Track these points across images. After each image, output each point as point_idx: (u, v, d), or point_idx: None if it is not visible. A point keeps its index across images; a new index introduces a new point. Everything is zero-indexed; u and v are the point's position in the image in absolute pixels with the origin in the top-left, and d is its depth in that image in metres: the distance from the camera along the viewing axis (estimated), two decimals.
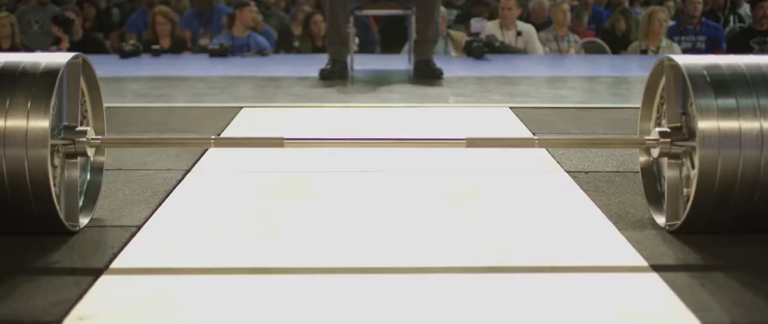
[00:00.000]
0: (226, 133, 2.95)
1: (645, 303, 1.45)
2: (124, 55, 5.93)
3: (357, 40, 5.71)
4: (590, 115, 3.40)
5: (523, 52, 6.16)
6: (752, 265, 1.61)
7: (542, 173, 2.37)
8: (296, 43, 7.11)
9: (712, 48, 6.74)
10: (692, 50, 6.73)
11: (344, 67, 4.70)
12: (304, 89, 4.26)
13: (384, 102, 3.79)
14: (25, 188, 1.65)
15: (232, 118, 3.21)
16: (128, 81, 4.46)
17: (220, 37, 6.27)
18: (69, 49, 6.17)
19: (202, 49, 6.45)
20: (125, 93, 3.98)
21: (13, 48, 6.27)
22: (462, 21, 7.37)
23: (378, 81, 4.60)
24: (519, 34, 6.15)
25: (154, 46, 6.08)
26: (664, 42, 6.29)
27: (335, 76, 4.58)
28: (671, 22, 7.08)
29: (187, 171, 2.34)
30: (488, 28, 6.26)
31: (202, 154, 2.50)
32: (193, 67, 5.44)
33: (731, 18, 8.26)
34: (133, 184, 2.19)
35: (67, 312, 1.39)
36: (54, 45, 6.48)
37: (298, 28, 7.20)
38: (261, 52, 6.09)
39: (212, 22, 7.43)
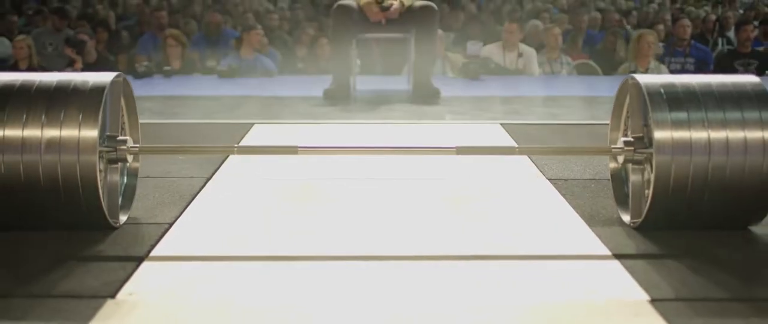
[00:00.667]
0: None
1: (606, 283, 1.72)
2: (138, 75, 6.22)
3: (358, 62, 5.99)
4: (576, 130, 3.68)
5: (520, 73, 6.45)
6: (700, 254, 1.88)
7: (527, 181, 2.64)
8: (300, 65, 7.39)
9: (700, 69, 7.02)
10: (681, 71, 7.00)
11: (347, 87, 4.96)
12: (310, 108, 4.54)
13: (385, 119, 4.07)
14: (77, 189, 1.92)
15: (246, 133, 3.48)
16: (143, 100, 4.72)
17: (228, 58, 6.55)
18: (83, 70, 6.45)
19: (210, 71, 6.73)
20: (142, 111, 4.19)
21: (31, 68, 6.55)
22: (459, 44, 7.67)
23: (379, 100, 4.88)
24: (520, 55, 6.45)
25: (166, 68, 6.37)
26: (653, 63, 6.57)
27: (339, 95, 4.85)
28: (662, 44, 7.37)
29: (208, 178, 2.61)
30: (488, 50, 6.56)
31: (221, 164, 2.77)
32: (204, 87, 5.72)
33: (720, 41, 8.56)
34: (161, 189, 2.47)
35: (118, 289, 1.66)
36: (69, 66, 6.76)
37: (302, 50, 7.48)
38: (267, 73, 6.37)
39: (219, 44, 7.73)
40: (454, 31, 8.36)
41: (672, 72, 6.81)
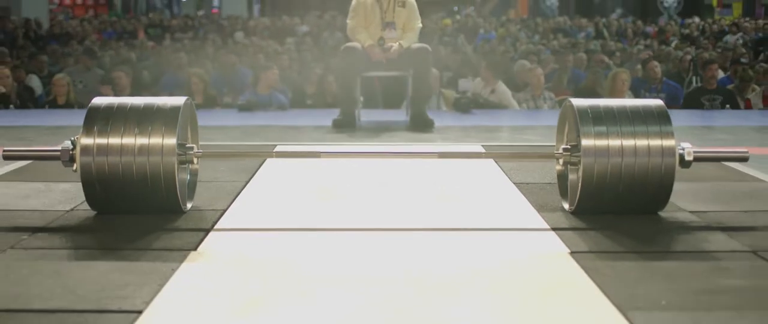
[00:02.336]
0: None
1: (542, 244, 2.44)
2: None
3: (361, 97, 6.71)
4: (542, 150, 4.39)
5: (501, 106, 7.21)
6: (613, 228, 2.58)
7: (496, 183, 3.35)
8: (309, 102, 8.13)
9: (669, 104, 7.75)
10: None
11: (353, 119, 5.67)
12: (321, 135, 5.27)
13: (386, 142, 4.80)
14: (160, 183, 2.63)
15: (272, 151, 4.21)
16: None
17: (246, 94, 7.29)
18: None
19: (228, 105, 7.47)
20: None
21: (68, 103, 7.31)
22: (455, 82, 8.44)
23: (380, 129, 5.61)
24: (492, 91, 7.23)
25: None
26: (627, 98, 7.32)
27: (346, 125, 5.57)
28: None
29: (247, 181, 3.33)
30: (474, 84, 7.34)
31: (256, 171, 3.50)
32: (226, 119, 6.45)
33: (694, 79, 9.32)
34: (211, 188, 3.18)
35: (197, 245, 2.38)
36: None
37: (312, 87, 8.23)
38: (281, 108, 7.12)
39: (235, 82, 8.50)
40: (451, 70, 9.14)
41: None
